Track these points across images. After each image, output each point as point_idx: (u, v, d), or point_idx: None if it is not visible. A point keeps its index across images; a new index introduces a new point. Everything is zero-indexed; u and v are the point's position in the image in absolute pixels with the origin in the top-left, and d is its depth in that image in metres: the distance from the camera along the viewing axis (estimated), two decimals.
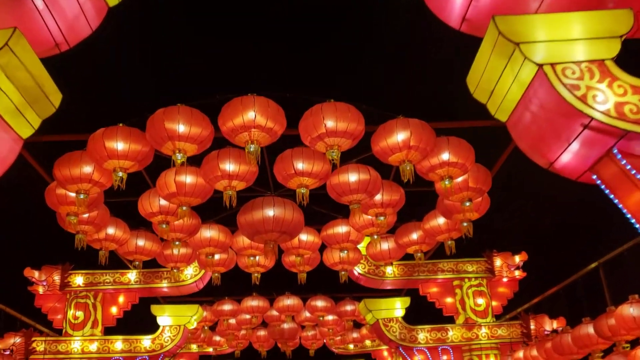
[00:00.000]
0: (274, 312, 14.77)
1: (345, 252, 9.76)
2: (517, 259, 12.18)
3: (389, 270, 12.16)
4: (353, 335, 17.01)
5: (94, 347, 11.53)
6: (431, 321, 12.02)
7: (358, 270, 12.10)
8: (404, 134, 6.74)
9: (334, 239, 9.61)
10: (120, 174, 6.86)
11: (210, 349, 18.03)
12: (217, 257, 10.42)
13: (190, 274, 12.09)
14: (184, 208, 7.78)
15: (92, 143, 6.77)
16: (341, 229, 9.56)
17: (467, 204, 7.96)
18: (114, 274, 12.10)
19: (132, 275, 12.09)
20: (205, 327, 14.71)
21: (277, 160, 7.44)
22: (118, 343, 11.63)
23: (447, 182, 7.36)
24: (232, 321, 15.10)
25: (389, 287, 12.55)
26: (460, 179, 7.74)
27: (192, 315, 12.04)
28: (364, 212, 8.49)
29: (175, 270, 10.37)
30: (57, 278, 11.84)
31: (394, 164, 7.05)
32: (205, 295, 14.35)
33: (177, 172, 7.60)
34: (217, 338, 16.93)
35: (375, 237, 9.13)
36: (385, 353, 18.72)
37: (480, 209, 8.52)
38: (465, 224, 8.60)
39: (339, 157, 6.61)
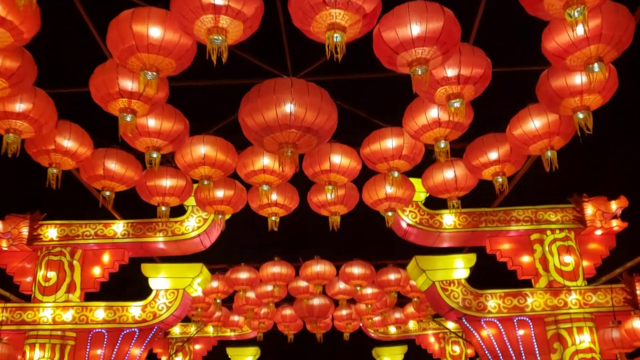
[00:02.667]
0: (301, 283, 11.76)
1: (396, 175, 6.64)
2: (615, 205, 8.93)
3: (448, 220, 9.02)
4: (395, 316, 13.87)
5: (68, 316, 8.67)
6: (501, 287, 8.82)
7: (407, 220, 9.00)
8: None
9: (380, 155, 6.54)
10: None
11: (230, 332, 15.16)
12: (220, 193, 7.50)
13: (192, 226, 9.15)
14: (149, 75, 4.81)
15: None
16: (390, 142, 6.48)
17: (596, 67, 4.80)
18: (96, 226, 9.23)
19: (118, 227, 9.21)
20: (218, 300, 11.77)
21: None
22: (99, 311, 8.75)
23: (575, 13, 4.22)
24: (251, 295, 12.16)
25: (445, 244, 9.40)
26: (590, 24, 4.60)
27: (193, 277, 9.09)
28: (430, 95, 5.38)
29: (163, 209, 7.43)
30: (24, 230, 9.03)
31: None
32: (217, 262, 11.47)
33: (135, 18, 4.65)
34: (236, 318, 14.01)
35: (442, 144, 6.02)
36: (432, 339, 15.54)
37: (605, 89, 5.35)
38: (581, 115, 5.43)
39: None
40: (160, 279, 8.98)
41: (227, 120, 6.70)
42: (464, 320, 8.72)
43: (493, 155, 6.63)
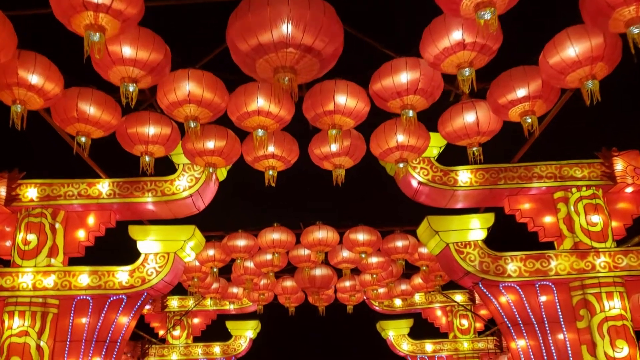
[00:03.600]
0: (302, 251, 10.90)
1: (411, 115, 5.71)
2: None
3: (463, 177, 8.11)
4: (401, 287, 13.03)
5: (49, 281, 7.82)
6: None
7: (418, 177, 8.08)
8: None
9: (393, 91, 5.60)
10: None
11: (229, 306, 14.39)
12: (210, 144, 6.61)
13: (184, 186, 8.24)
14: None
15: None
16: (404, 75, 5.53)
17: None
18: (80, 185, 8.33)
19: (103, 187, 8.32)
20: (214, 269, 10.92)
21: None
22: (83, 277, 7.90)
23: None
24: (250, 264, 11.32)
25: (459, 205, 8.49)
26: None
27: (185, 240, 8.22)
28: (456, 6, 4.42)
29: (147, 159, 6.52)
30: (2, 190, 8.13)
31: None
32: (212, 229, 10.60)
33: None
34: (235, 290, 13.20)
35: (467, 71, 5.08)
36: (439, 312, 14.78)
37: None
38: (636, 30, 4.48)
39: None
40: (149, 241, 8.11)
41: (215, 51, 5.76)
42: (480, 286, 7.86)
43: (522, 91, 5.69)
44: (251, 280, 11.73)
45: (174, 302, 14.44)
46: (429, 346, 14.25)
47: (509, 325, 7.71)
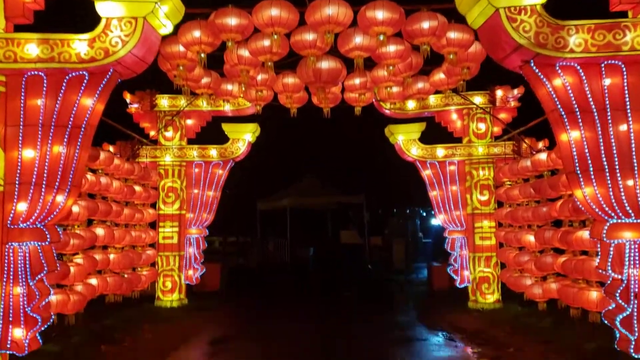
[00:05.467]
0: (307, 36, 8.99)
1: None
2: None
3: None
4: (418, 86, 11.32)
5: None
6: None
7: None
8: None
9: None
10: None
11: (225, 106, 12.91)
12: None
13: None
14: None
15: None
16: None
17: None
18: None
19: None
20: (202, 55, 9.12)
21: None
22: (31, 46, 6.22)
23: None
24: (245, 53, 9.49)
25: None
26: None
27: (156, 2, 6.33)
28: None
29: None
30: None
31: None
32: (198, 5, 8.60)
33: None
34: (229, 87, 11.51)
35: None
36: (455, 115, 13.35)
37: None
38: None
39: None
40: (110, 2, 6.23)
41: None
42: (532, 65, 6.17)
43: None
44: (247, 71, 9.99)
45: (164, 101, 12.99)
46: (440, 151, 13.08)
47: (563, 113, 6.17)
